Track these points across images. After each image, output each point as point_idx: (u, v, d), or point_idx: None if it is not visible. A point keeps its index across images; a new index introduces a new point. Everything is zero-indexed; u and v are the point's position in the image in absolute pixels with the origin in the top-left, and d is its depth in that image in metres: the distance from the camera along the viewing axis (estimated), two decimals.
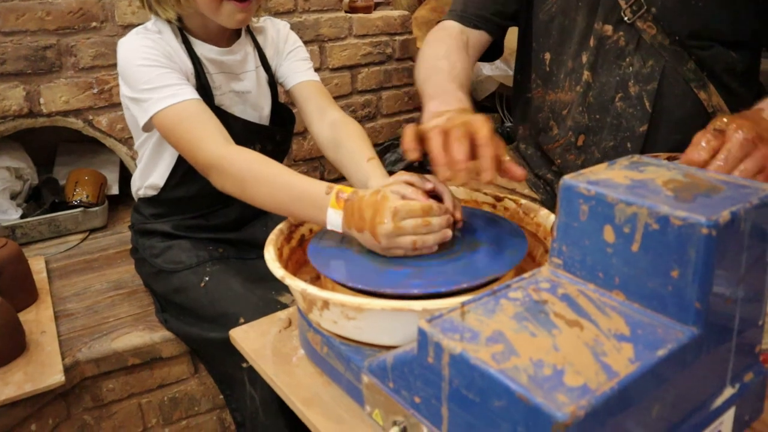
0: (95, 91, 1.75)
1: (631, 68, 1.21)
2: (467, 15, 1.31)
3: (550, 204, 1.36)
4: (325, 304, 0.74)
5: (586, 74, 1.25)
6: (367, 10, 2.26)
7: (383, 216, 0.82)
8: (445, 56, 1.21)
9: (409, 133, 0.87)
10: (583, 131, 1.28)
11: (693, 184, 0.64)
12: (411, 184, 0.90)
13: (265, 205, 1.02)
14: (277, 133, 1.39)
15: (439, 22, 1.37)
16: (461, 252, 0.86)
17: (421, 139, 0.86)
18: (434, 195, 0.90)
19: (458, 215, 0.88)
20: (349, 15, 2.20)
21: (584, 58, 1.25)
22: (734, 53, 1.20)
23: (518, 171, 0.84)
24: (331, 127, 1.24)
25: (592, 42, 1.23)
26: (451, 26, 1.31)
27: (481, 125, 0.83)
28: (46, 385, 1.15)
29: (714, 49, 1.19)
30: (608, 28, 1.21)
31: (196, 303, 1.28)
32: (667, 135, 1.23)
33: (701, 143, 0.87)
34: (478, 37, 1.32)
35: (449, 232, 0.85)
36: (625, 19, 1.19)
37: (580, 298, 0.64)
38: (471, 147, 0.81)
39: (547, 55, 1.32)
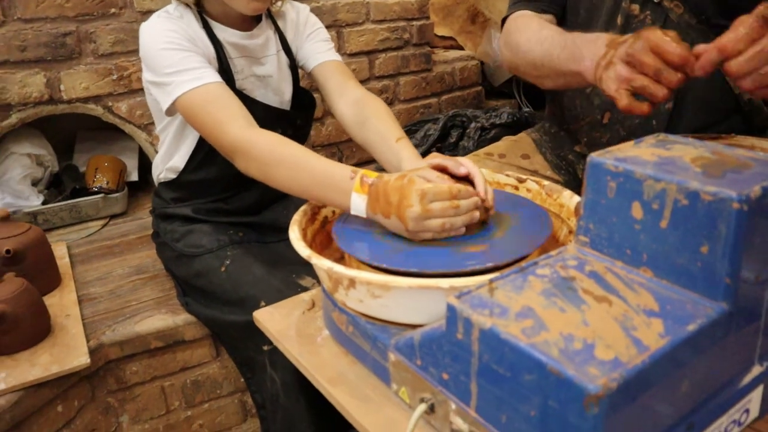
0: (115, 77, 1.76)
1: None
2: (533, 1, 1.32)
3: (572, 186, 1.36)
4: (352, 282, 0.75)
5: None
6: None
7: (411, 199, 0.82)
8: (541, 28, 1.20)
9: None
10: (609, 108, 1.27)
11: (721, 161, 0.64)
12: (444, 168, 0.90)
13: (288, 188, 1.02)
14: (298, 118, 1.39)
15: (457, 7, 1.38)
16: (485, 233, 0.86)
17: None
18: (466, 179, 0.90)
19: (490, 202, 0.88)
20: (367, 0, 2.19)
21: None
22: None
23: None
24: (356, 105, 1.24)
25: (619, 20, 1.22)
26: (525, 13, 1.32)
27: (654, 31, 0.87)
28: (71, 367, 1.17)
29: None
30: (635, 7, 1.20)
31: (217, 287, 1.29)
32: (693, 112, 1.22)
33: (739, 29, 0.80)
34: (549, 20, 1.32)
35: (477, 214, 0.85)
36: None
37: (607, 275, 0.64)
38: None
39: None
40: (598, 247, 0.67)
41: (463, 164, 0.89)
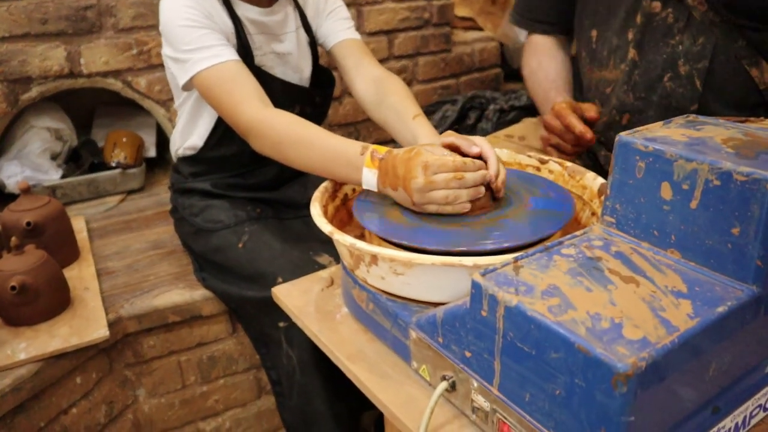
0: (134, 52, 1.76)
1: (680, 47, 1.17)
2: (536, 26, 1.47)
3: (592, 170, 1.35)
4: (374, 259, 0.74)
5: (632, 52, 1.23)
6: None
7: (415, 171, 0.83)
8: (537, 68, 1.44)
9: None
10: (628, 110, 1.26)
11: (754, 142, 0.63)
12: (456, 147, 0.89)
13: (302, 165, 1.02)
14: (317, 95, 1.39)
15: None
16: (507, 213, 0.86)
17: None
18: (479, 159, 0.89)
19: (499, 183, 0.87)
20: None
21: (630, 35, 1.22)
22: None
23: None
24: (374, 84, 1.23)
25: (638, 19, 1.20)
26: (534, 38, 1.49)
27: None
28: (91, 339, 1.18)
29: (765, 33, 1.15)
30: (657, 5, 1.18)
31: (234, 262, 1.29)
32: (718, 113, 1.20)
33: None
34: (556, 37, 1.47)
35: (482, 189, 0.84)
36: None
37: (634, 256, 0.63)
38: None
39: (594, 32, 1.30)
40: (624, 227, 0.67)
41: (477, 143, 0.88)
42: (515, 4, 1.52)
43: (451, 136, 0.91)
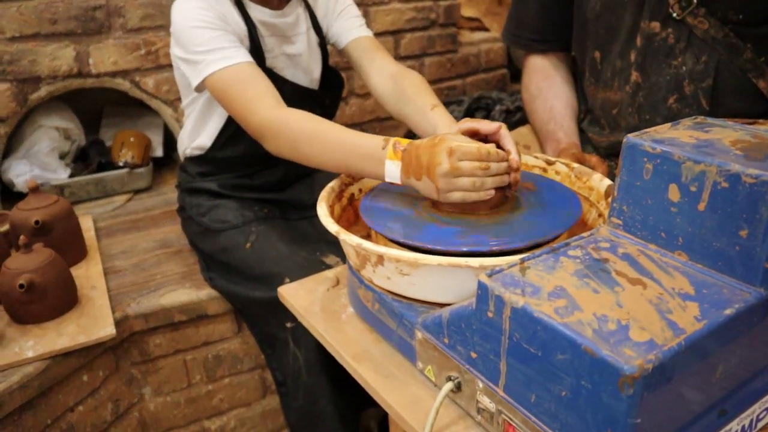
0: (142, 52, 1.77)
1: (684, 67, 1.16)
2: (531, 45, 1.44)
3: None
4: (380, 259, 0.74)
5: (634, 75, 1.22)
6: None
7: (440, 157, 0.82)
8: (537, 95, 1.42)
9: None
10: (633, 131, 1.26)
11: (763, 144, 0.63)
12: (475, 131, 0.89)
13: (321, 163, 1.01)
14: (327, 97, 1.39)
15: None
16: (513, 214, 0.86)
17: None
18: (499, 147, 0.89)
19: (517, 175, 0.87)
20: None
21: (632, 57, 1.21)
22: None
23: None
24: (391, 79, 1.23)
25: (639, 41, 1.19)
26: (532, 60, 1.46)
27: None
28: (98, 337, 1.18)
29: None
30: (656, 25, 1.17)
31: (241, 262, 1.30)
32: (725, 118, 1.19)
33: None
34: (554, 55, 1.45)
35: (506, 178, 0.84)
36: (674, 15, 1.14)
37: (641, 258, 0.63)
38: None
39: (597, 54, 1.29)
40: (631, 229, 0.66)
41: (493, 123, 0.89)
42: (507, 22, 1.49)
43: (468, 122, 0.91)
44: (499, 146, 0.88)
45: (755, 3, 1.10)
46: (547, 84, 1.42)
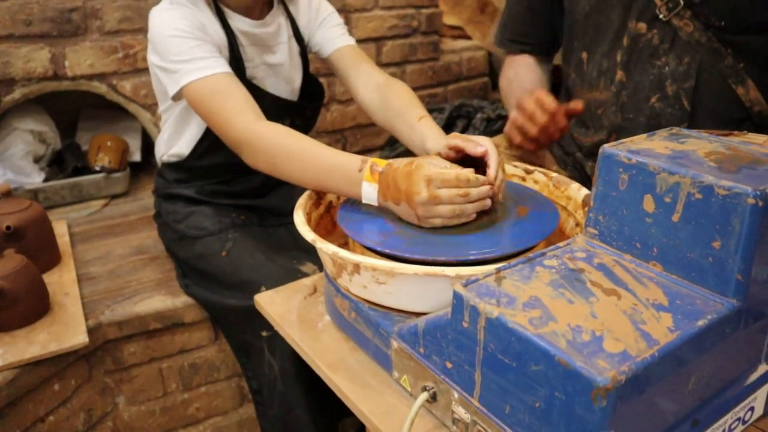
0: (120, 55, 1.74)
1: (667, 68, 1.19)
2: (516, 46, 1.47)
3: (578, 182, 1.36)
4: (356, 268, 0.74)
5: (619, 74, 1.24)
6: None
7: (418, 186, 0.81)
8: (514, 78, 1.45)
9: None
10: (616, 130, 1.27)
11: (736, 156, 0.63)
12: (461, 149, 0.89)
13: (297, 179, 1.00)
14: (307, 108, 1.38)
15: None
16: (492, 223, 0.85)
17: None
18: (482, 160, 0.88)
19: (496, 190, 0.86)
20: None
21: (618, 57, 1.23)
22: None
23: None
24: (378, 90, 1.22)
25: (625, 41, 1.21)
26: (514, 56, 1.49)
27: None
28: (70, 345, 1.16)
29: (756, 36, 1.15)
30: (642, 26, 1.19)
31: (217, 270, 1.28)
32: (705, 124, 1.21)
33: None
34: (537, 56, 1.47)
35: (489, 202, 0.84)
36: (660, 16, 1.16)
37: (616, 268, 0.63)
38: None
39: (584, 54, 1.31)
40: (607, 239, 0.67)
41: (482, 144, 0.88)
42: (499, 28, 1.52)
43: (456, 138, 0.91)
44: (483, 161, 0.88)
45: (737, 12, 1.12)
46: (525, 71, 1.45)
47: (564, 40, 1.39)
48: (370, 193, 0.88)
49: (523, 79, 1.43)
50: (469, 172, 0.83)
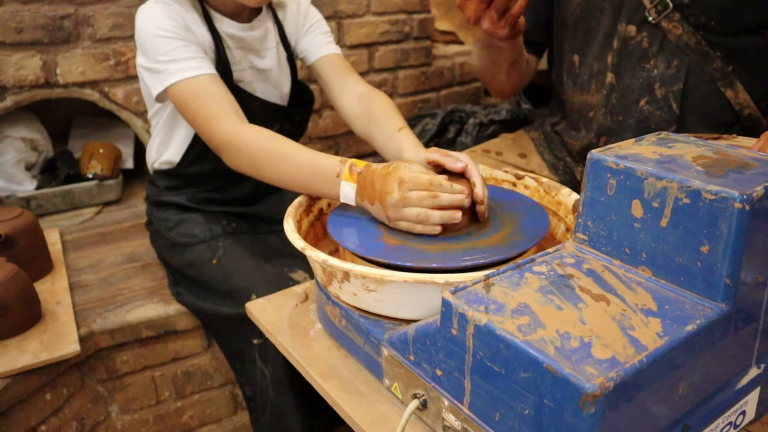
0: (112, 62, 1.74)
1: (656, 71, 1.19)
2: None
3: (569, 187, 1.36)
4: (346, 275, 0.74)
5: (610, 76, 1.24)
6: None
7: (391, 186, 0.83)
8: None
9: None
10: (605, 133, 1.28)
11: (724, 161, 0.63)
12: (440, 165, 0.89)
13: (279, 181, 1.02)
14: (297, 113, 1.38)
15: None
16: (482, 229, 0.85)
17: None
18: (463, 176, 0.88)
19: (483, 208, 0.86)
20: None
21: (609, 60, 1.24)
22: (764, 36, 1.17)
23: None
24: (359, 100, 1.22)
25: (615, 43, 1.22)
26: None
27: None
28: (61, 354, 1.16)
29: (745, 37, 1.16)
30: (632, 29, 1.20)
31: (209, 277, 1.28)
32: (694, 127, 1.21)
33: None
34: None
35: (458, 215, 0.83)
36: (650, 19, 1.17)
37: (605, 274, 0.63)
38: None
39: (576, 57, 1.31)
40: (596, 245, 0.67)
41: (461, 160, 0.88)
42: None
43: (436, 153, 0.91)
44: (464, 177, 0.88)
45: (727, 10, 1.12)
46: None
47: (554, 44, 1.39)
48: (348, 193, 0.90)
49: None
50: (443, 179, 0.83)
